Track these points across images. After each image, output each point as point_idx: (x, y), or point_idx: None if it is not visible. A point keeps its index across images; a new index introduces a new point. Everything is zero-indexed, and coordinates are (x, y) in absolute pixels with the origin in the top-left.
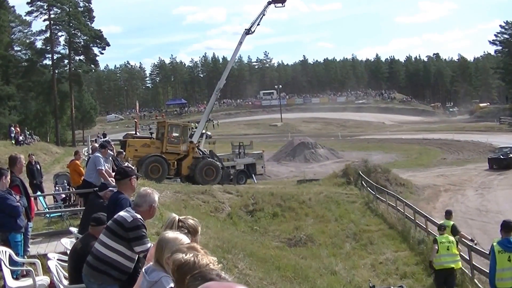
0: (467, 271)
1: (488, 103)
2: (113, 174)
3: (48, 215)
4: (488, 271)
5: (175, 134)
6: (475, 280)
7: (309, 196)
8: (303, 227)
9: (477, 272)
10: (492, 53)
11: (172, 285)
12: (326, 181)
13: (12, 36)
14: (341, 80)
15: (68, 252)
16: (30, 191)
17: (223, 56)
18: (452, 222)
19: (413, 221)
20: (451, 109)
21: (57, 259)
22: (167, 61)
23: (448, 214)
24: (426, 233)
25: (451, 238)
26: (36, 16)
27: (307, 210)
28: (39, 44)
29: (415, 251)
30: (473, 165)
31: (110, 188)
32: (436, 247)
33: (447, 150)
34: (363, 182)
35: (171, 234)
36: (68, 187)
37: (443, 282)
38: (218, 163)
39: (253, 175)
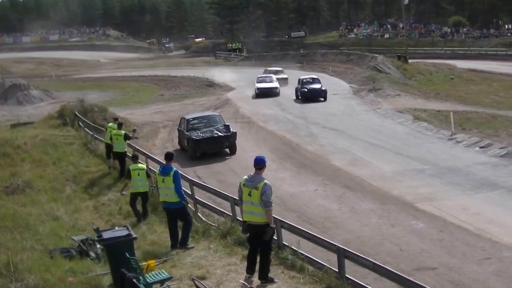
0: (191, 206)
1: (204, 38)
2: None
3: None
4: (209, 204)
5: None
6: (199, 214)
7: (24, 140)
8: (20, 173)
9: (200, 206)
10: None
11: None
12: (41, 124)
13: None
14: (53, 18)
15: None
16: None
17: None
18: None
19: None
20: (167, 45)
21: None
22: None
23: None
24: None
25: (141, 165)
26: None
27: (23, 155)
28: None
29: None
30: (191, 100)
31: None
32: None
33: (164, 86)
34: (79, 122)
35: None
36: None
37: (135, 202)
38: None
39: None
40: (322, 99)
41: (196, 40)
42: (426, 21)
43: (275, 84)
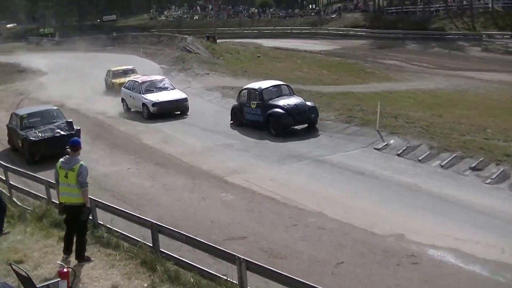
0: (5, 191)
1: (15, 24)
2: None
3: None
4: (24, 188)
5: None
6: (14, 199)
7: None
8: None
9: (15, 191)
10: None
11: None
12: None
13: None
14: None
15: None
16: None
17: None
18: None
19: None
20: None
21: None
22: None
23: None
24: None
25: None
26: None
27: None
28: None
29: None
30: (4, 86)
31: None
32: None
33: None
34: None
35: None
36: None
37: None
38: None
39: None
40: (309, 125)
41: (8, 26)
42: (234, 3)
43: (181, 94)
